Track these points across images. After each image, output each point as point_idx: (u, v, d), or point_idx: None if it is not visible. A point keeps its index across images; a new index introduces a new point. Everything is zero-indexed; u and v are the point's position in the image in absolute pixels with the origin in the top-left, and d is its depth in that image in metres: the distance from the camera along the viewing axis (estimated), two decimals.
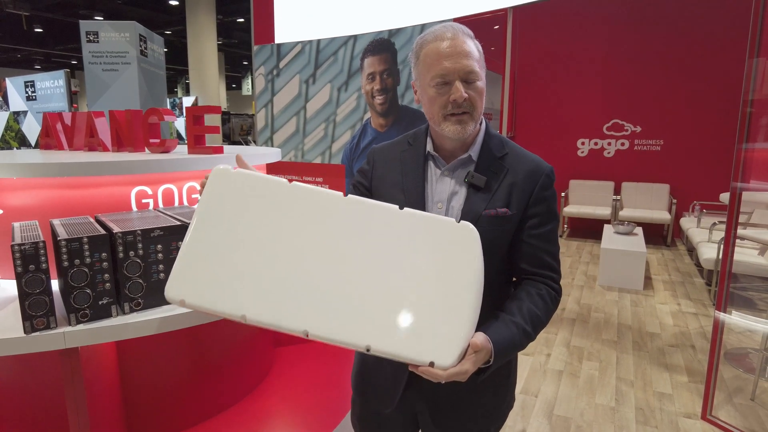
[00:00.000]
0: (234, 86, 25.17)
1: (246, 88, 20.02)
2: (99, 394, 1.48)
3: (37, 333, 1.18)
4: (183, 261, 0.86)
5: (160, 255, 1.33)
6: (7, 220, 1.53)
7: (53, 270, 1.30)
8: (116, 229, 1.27)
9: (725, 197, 4.24)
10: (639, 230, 5.15)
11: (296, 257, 0.87)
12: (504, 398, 1.15)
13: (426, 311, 0.86)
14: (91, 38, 4.55)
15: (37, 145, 4.69)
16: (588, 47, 6.55)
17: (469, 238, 0.90)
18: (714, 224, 4.69)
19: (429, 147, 1.08)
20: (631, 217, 6.04)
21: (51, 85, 5.04)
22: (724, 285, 2.45)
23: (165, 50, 5.35)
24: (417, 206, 1.03)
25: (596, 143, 6.76)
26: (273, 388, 2.06)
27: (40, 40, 16.16)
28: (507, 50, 3.18)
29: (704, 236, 4.74)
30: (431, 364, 0.84)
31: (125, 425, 1.67)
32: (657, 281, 4.83)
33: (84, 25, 4.57)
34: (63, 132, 2.38)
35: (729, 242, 2.40)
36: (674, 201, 6.28)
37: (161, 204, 1.77)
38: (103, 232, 1.25)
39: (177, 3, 12.61)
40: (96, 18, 13.14)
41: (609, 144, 6.68)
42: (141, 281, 1.31)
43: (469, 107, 0.97)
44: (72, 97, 5.25)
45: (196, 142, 1.95)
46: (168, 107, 5.60)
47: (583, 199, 6.89)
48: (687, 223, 5.58)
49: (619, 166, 6.66)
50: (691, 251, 5.70)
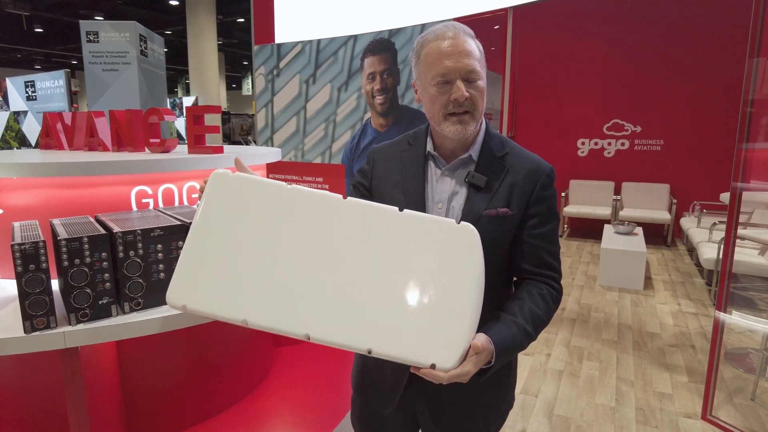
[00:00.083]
0: (234, 86, 25.18)
1: (246, 88, 20.04)
2: (99, 394, 1.48)
3: (37, 332, 1.18)
4: (183, 266, 0.86)
5: (160, 255, 1.33)
6: (7, 220, 1.53)
7: (53, 270, 1.30)
8: (116, 229, 1.27)
9: (725, 197, 4.25)
10: (639, 230, 5.15)
11: (296, 261, 0.87)
12: (504, 398, 1.15)
13: (427, 313, 0.86)
14: (91, 38, 4.55)
15: (38, 145, 4.69)
16: (588, 47, 6.55)
17: (470, 240, 0.90)
18: (714, 224, 4.69)
19: (429, 147, 1.08)
20: (632, 217, 6.04)
21: (51, 85, 5.04)
22: (725, 285, 2.45)
23: (165, 50, 5.35)
24: (417, 206, 1.03)
25: (596, 143, 6.76)
26: (273, 388, 2.06)
27: (41, 40, 16.17)
28: (507, 50, 3.17)
29: (704, 236, 4.74)
30: (433, 366, 0.84)
31: (125, 425, 1.67)
32: (657, 281, 4.83)
33: (84, 25, 4.56)
34: (63, 132, 2.38)
35: (729, 242, 2.40)
36: (674, 201, 6.28)
37: (161, 204, 1.77)
38: (103, 232, 1.25)
39: (177, 3, 12.62)
40: (96, 18, 13.15)
41: (609, 144, 6.68)
42: (141, 281, 1.31)
43: (470, 106, 0.97)
44: (72, 97, 5.24)
45: (196, 142, 1.95)
46: (168, 107, 5.59)
47: (583, 199, 6.89)
48: (687, 223, 5.58)
49: (620, 166, 6.66)
50: (692, 251, 5.70)
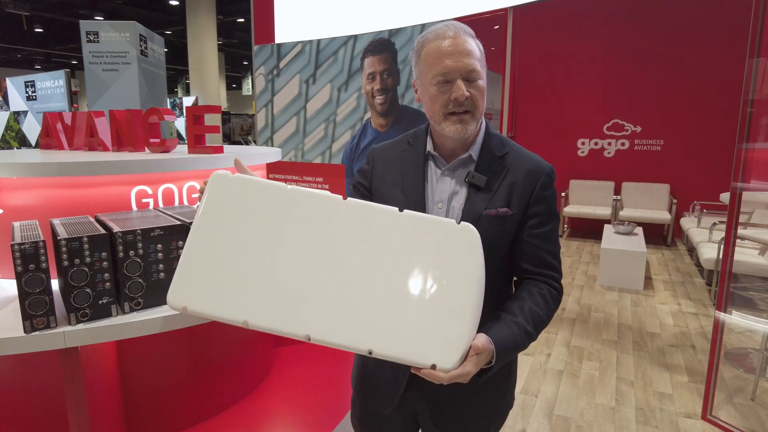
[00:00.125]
0: (234, 86, 25.18)
1: (246, 88, 20.03)
2: (99, 394, 1.48)
3: (37, 332, 1.18)
4: (184, 268, 0.86)
5: (160, 254, 1.33)
6: (7, 220, 1.53)
7: (53, 269, 1.30)
8: (116, 229, 1.27)
9: (725, 197, 4.25)
10: (639, 230, 5.15)
11: (297, 261, 0.87)
12: (504, 398, 1.15)
13: (427, 314, 0.86)
14: (92, 38, 4.55)
15: (38, 145, 4.70)
16: (588, 47, 6.55)
17: (470, 240, 0.90)
18: (714, 224, 4.69)
19: (429, 146, 1.07)
20: (632, 217, 6.04)
21: (51, 85, 5.04)
22: (725, 285, 2.45)
23: (165, 50, 5.35)
24: (417, 206, 1.03)
25: (596, 143, 6.76)
26: (273, 388, 2.06)
27: (41, 40, 16.17)
28: (507, 50, 3.17)
29: (704, 236, 4.74)
30: (433, 367, 0.84)
31: (125, 425, 1.67)
32: (657, 281, 4.82)
33: (84, 25, 4.56)
34: (63, 132, 2.38)
35: (729, 242, 2.40)
36: (674, 201, 6.28)
37: (161, 204, 1.77)
38: (103, 232, 1.25)
39: (177, 3, 12.62)
40: (96, 18, 13.15)
41: (609, 144, 6.68)
42: (141, 281, 1.31)
43: (471, 106, 0.97)
44: (72, 97, 5.24)
45: (196, 142, 1.95)
46: (168, 107, 5.59)
47: (584, 199, 6.89)
48: (687, 223, 5.58)
49: (620, 166, 6.66)
50: (692, 251, 5.69)
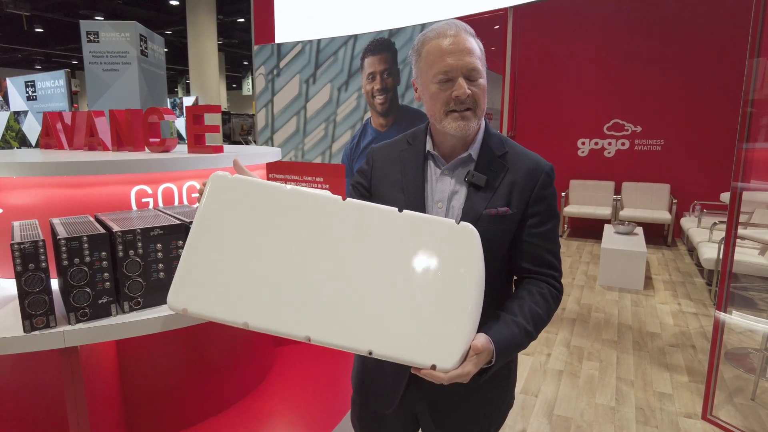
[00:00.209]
0: (234, 86, 25.19)
1: (246, 88, 20.04)
2: (99, 394, 1.48)
3: (37, 332, 1.18)
4: (184, 270, 0.86)
5: (160, 254, 1.33)
6: (7, 219, 1.53)
7: (53, 269, 1.30)
8: (116, 228, 1.27)
9: (725, 197, 4.24)
10: (639, 230, 5.15)
11: (296, 262, 0.87)
12: (504, 397, 1.15)
13: (427, 314, 0.86)
14: (92, 38, 4.55)
15: (38, 145, 4.69)
16: (588, 47, 6.54)
17: (470, 240, 0.90)
18: (714, 224, 4.69)
19: (429, 146, 1.07)
20: (632, 217, 6.04)
21: (51, 85, 5.03)
22: (725, 285, 2.45)
23: (165, 50, 5.35)
24: (417, 206, 1.03)
25: (596, 143, 6.75)
26: (273, 388, 2.06)
27: (41, 40, 16.18)
28: (507, 50, 3.17)
29: (705, 236, 4.74)
30: (433, 367, 0.84)
31: (125, 425, 1.67)
32: (657, 281, 4.82)
33: (84, 25, 4.56)
34: (63, 131, 2.38)
35: (729, 242, 2.40)
36: (675, 201, 6.27)
37: (161, 203, 1.77)
38: (103, 231, 1.25)
39: (177, 3, 12.62)
40: (96, 18, 13.15)
41: (609, 144, 6.68)
42: (141, 280, 1.31)
43: (472, 104, 0.97)
44: (72, 97, 5.24)
45: (196, 142, 1.95)
46: (168, 107, 5.59)
47: (584, 199, 6.89)
48: (687, 223, 5.58)
49: (620, 166, 6.66)
50: (692, 251, 5.69)
